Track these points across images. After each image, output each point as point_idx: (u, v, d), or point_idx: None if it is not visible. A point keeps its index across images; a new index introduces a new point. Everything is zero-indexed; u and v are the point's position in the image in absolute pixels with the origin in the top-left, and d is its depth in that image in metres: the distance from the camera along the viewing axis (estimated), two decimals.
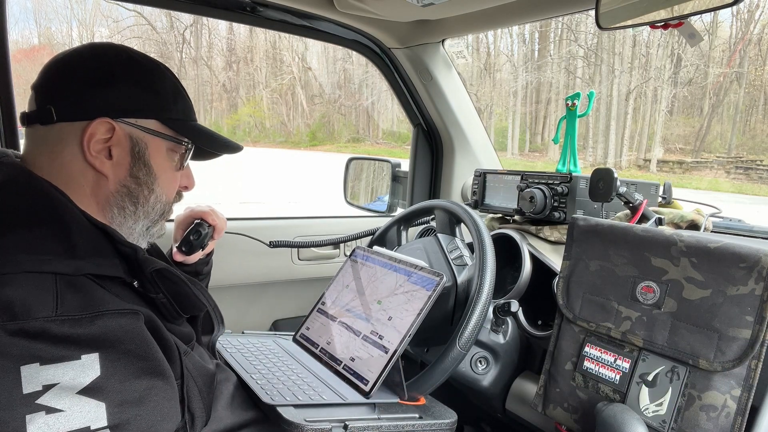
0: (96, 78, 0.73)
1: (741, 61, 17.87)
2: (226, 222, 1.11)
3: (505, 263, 1.28)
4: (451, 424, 0.91)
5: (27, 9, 25.40)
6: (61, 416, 0.56)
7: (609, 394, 0.85)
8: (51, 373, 0.57)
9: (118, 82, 0.74)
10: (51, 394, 0.56)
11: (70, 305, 0.60)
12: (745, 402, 0.74)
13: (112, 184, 0.75)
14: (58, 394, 0.57)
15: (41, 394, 0.56)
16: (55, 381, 0.57)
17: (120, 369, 0.61)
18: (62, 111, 0.72)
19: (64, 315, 0.59)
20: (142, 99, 0.76)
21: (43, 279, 0.61)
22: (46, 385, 0.56)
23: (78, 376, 0.58)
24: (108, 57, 0.76)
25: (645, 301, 0.84)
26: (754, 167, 15.63)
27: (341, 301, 1.12)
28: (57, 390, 0.57)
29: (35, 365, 0.56)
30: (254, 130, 27.53)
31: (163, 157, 0.79)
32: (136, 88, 0.76)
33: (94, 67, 0.74)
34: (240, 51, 28.26)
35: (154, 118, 0.77)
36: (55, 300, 0.60)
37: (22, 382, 0.56)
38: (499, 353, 1.08)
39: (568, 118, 1.34)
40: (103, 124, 0.72)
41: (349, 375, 0.96)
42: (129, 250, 0.71)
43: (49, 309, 0.59)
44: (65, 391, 0.57)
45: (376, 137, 25.07)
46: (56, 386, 0.57)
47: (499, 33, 22.51)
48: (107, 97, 0.73)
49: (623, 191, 1.07)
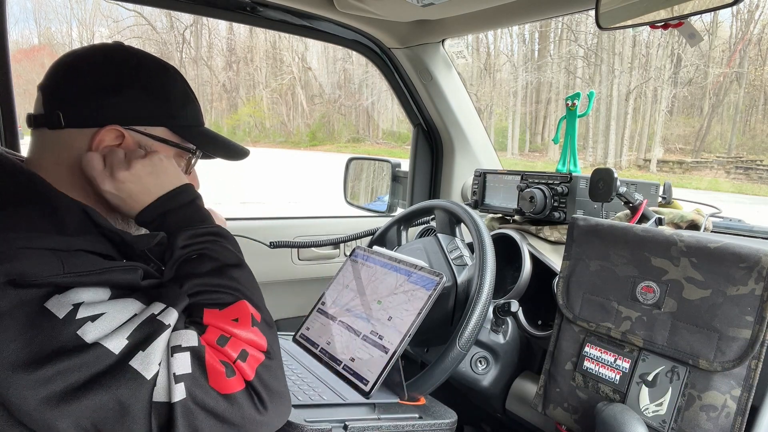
0: (106, 84, 0.73)
1: (741, 61, 17.87)
2: (225, 223, 1.11)
3: (505, 263, 1.28)
4: (451, 424, 0.91)
5: (27, 9, 25.42)
6: (107, 317, 0.59)
7: (609, 394, 0.85)
8: (71, 297, 0.59)
9: (127, 88, 0.74)
10: (83, 308, 0.58)
11: (76, 267, 0.61)
12: (745, 402, 0.74)
13: None
14: (89, 307, 0.59)
15: (76, 311, 0.58)
16: (79, 300, 0.59)
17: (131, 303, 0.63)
18: (71, 117, 0.72)
19: (71, 272, 0.60)
20: (151, 106, 0.76)
21: (42, 253, 0.60)
22: (75, 304, 0.58)
23: (96, 295, 0.61)
24: (118, 62, 0.75)
25: (645, 301, 0.84)
26: (754, 167, 15.63)
27: (341, 301, 1.12)
28: (86, 305, 0.59)
29: (55, 297, 0.58)
30: (254, 130, 27.54)
31: None
32: (146, 94, 0.75)
33: (104, 72, 0.74)
34: (240, 51, 28.27)
35: (163, 126, 0.77)
36: (61, 264, 0.60)
37: (53, 313, 0.57)
38: (499, 353, 1.08)
39: (568, 118, 1.34)
40: (112, 132, 0.72)
41: (349, 375, 0.96)
42: (115, 236, 0.71)
43: (57, 270, 0.59)
44: (93, 304, 0.59)
45: (376, 137, 25.08)
46: (82, 304, 0.59)
47: (499, 33, 22.51)
48: (117, 104, 0.73)
49: (623, 191, 1.07)
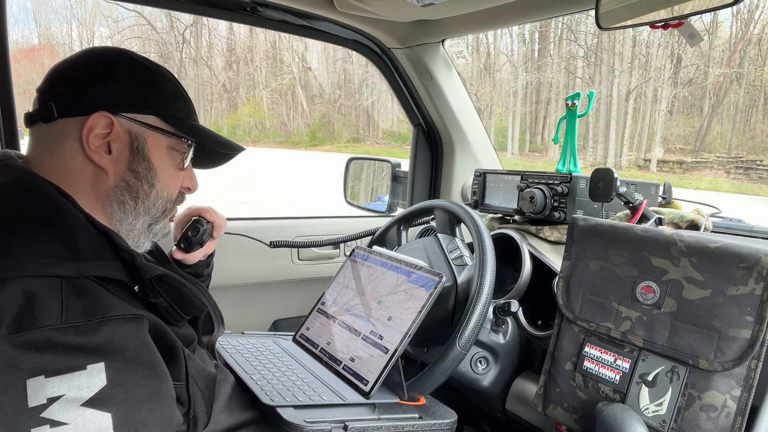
0: (96, 74, 0.74)
1: (741, 61, 17.86)
2: (225, 220, 1.12)
3: (505, 263, 1.28)
4: (451, 424, 0.91)
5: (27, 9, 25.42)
6: (66, 429, 0.56)
7: (609, 394, 0.85)
8: (56, 385, 0.57)
9: (117, 78, 0.75)
10: (56, 406, 0.56)
11: (75, 312, 0.60)
12: (745, 402, 0.74)
13: (111, 179, 0.75)
14: (63, 407, 0.56)
15: (46, 408, 0.56)
16: (59, 393, 0.56)
17: (126, 377, 0.61)
18: (62, 107, 0.73)
19: (69, 322, 0.59)
20: (141, 95, 0.77)
21: (48, 283, 0.60)
22: (50, 398, 0.56)
23: (83, 387, 0.58)
24: (109, 57, 0.77)
25: (645, 301, 0.84)
26: (754, 167, 15.62)
27: (341, 301, 1.12)
28: (62, 402, 0.56)
29: (40, 378, 0.56)
30: (254, 130, 27.53)
31: (163, 154, 0.79)
32: (136, 85, 0.77)
33: (94, 65, 0.76)
34: (240, 51, 28.26)
35: (154, 114, 0.77)
36: (60, 307, 0.60)
37: (27, 395, 0.55)
38: (499, 353, 1.08)
39: (568, 118, 1.34)
40: (102, 118, 0.73)
41: (349, 375, 0.96)
42: (127, 256, 0.71)
43: (54, 317, 0.59)
44: (70, 404, 0.57)
45: (376, 137, 25.07)
46: (61, 398, 0.56)
47: (499, 33, 22.50)
48: (106, 92, 0.74)
49: (623, 191, 1.07)
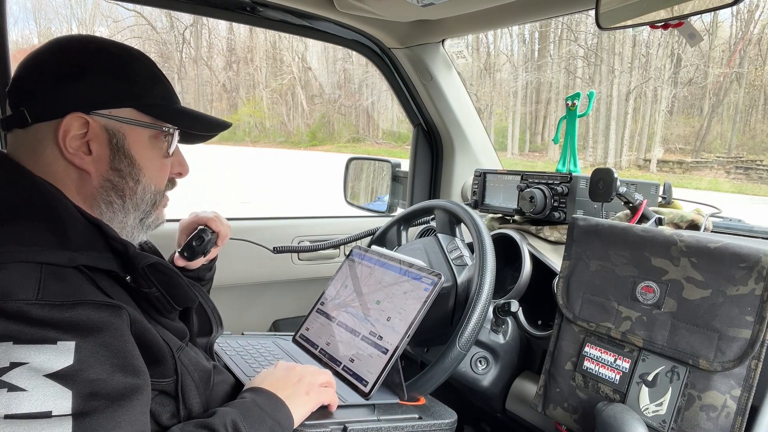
0: (63, 73, 0.71)
1: (741, 61, 17.86)
2: (230, 229, 1.10)
3: (505, 263, 1.28)
4: (451, 424, 0.91)
5: (27, 9, 25.39)
6: (23, 395, 0.55)
7: (609, 394, 0.85)
8: (23, 352, 0.56)
9: (87, 74, 0.72)
10: (17, 371, 0.55)
11: (51, 291, 0.60)
12: (745, 402, 0.74)
13: (95, 180, 0.73)
14: (24, 374, 0.56)
15: (7, 371, 0.55)
16: (24, 360, 0.56)
17: (95, 362, 0.60)
18: (34, 111, 0.70)
19: (43, 300, 0.59)
20: (114, 88, 0.73)
21: (28, 267, 0.60)
22: (13, 363, 0.55)
23: (49, 360, 0.57)
24: (75, 50, 0.74)
25: (645, 301, 0.84)
26: (754, 167, 15.62)
27: (340, 302, 1.12)
28: (24, 369, 0.56)
29: (9, 343, 0.56)
30: (254, 130, 27.51)
31: (145, 146, 0.76)
32: (107, 77, 0.73)
33: (61, 62, 0.72)
34: (240, 51, 28.26)
35: (130, 107, 0.74)
36: (37, 285, 0.60)
37: None
38: (499, 353, 1.08)
39: (568, 118, 1.34)
40: (76, 119, 0.70)
41: (349, 376, 0.96)
42: (120, 246, 0.70)
43: (29, 293, 0.59)
44: (33, 372, 0.56)
45: (376, 137, 25.06)
46: (24, 365, 0.56)
47: (499, 33, 22.49)
48: (77, 91, 0.71)
49: (623, 191, 1.07)
